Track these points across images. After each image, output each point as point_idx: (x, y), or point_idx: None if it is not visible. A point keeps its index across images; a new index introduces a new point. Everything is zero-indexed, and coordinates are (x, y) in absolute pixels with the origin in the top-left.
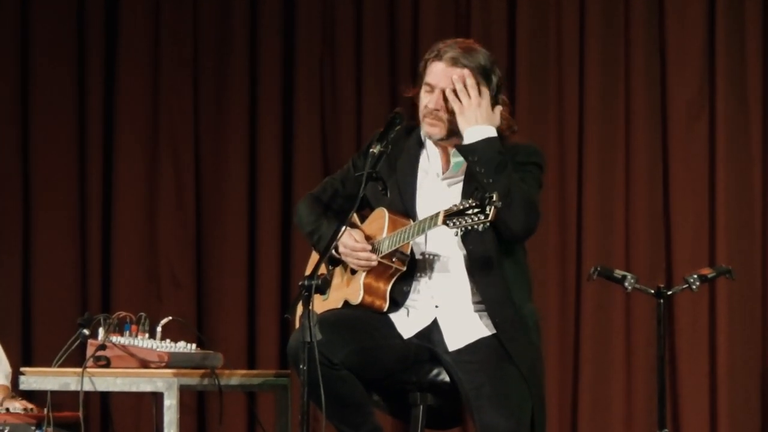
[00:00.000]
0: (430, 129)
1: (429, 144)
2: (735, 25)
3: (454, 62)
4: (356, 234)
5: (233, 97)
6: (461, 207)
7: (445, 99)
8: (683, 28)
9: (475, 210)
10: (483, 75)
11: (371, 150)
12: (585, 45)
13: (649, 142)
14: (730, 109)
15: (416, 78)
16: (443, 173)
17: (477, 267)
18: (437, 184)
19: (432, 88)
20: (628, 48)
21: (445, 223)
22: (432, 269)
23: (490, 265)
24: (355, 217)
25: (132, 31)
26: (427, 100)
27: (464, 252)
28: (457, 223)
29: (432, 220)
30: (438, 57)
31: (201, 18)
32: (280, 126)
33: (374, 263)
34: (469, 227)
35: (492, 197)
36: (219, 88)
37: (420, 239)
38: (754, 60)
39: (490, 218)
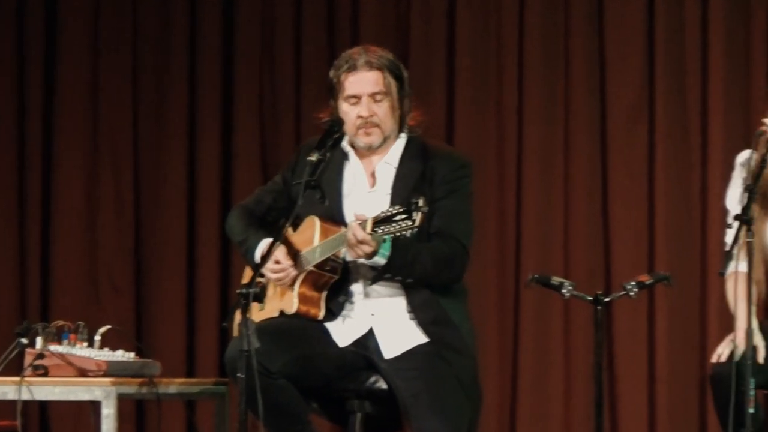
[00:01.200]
0: (367, 139)
1: (352, 156)
2: (674, 30)
3: (370, 66)
4: (279, 254)
5: (172, 105)
6: (388, 213)
7: (375, 102)
8: (623, 33)
9: (402, 216)
10: (396, 73)
11: (309, 158)
12: (524, 50)
13: (588, 147)
14: (670, 114)
15: (332, 93)
16: (370, 187)
17: None
18: (365, 198)
19: (357, 99)
20: (567, 53)
21: (373, 230)
22: (367, 278)
23: None
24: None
25: (71, 41)
26: (357, 111)
27: None
28: (386, 230)
29: (360, 227)
30: (353, 68)
31: (141, 28)
32: (219, 134)
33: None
34: (398, 234)
35: (418, 202)
36: (158, 96)
37: None
38: (693, 65)
39: (417, 223)
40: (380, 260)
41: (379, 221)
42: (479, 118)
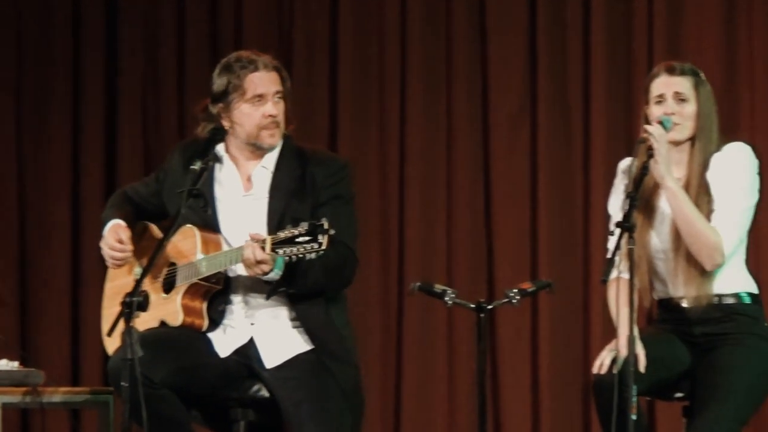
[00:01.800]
0: (271, 139)
1: (226, 160)
2: (556, 35)
3: (270, 67)
4: (124, 234)
5: (56, 113)
6: (290, 235)
7: (276, 102)
8: (505, 39)
9: (307, 239)
10: (285, 75)
11: (192, 167)
12: (407, 55)
13: (470, 153)
14: (552, 120)
15: (225, 95)
16: (245, 191)
17: None
18: (239, 201)
19: (263, 98)
20: (449, 58)
21: (274, 250)
22: (247, 287)
23: None
24: (157, 231)
25: None
26: (264, 110)
27: None
28: (288, 251)
29: (259, 247)
30: (255, 68)
31: (24, 40)
32: (103, 143)
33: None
34: (302, 255)
35: (323, 225)
36: (41, 107)
37: None
38: (576, 71)
39: (324, 246)
40: (275, 276)
41: (279, 242)
42: (362, 124)
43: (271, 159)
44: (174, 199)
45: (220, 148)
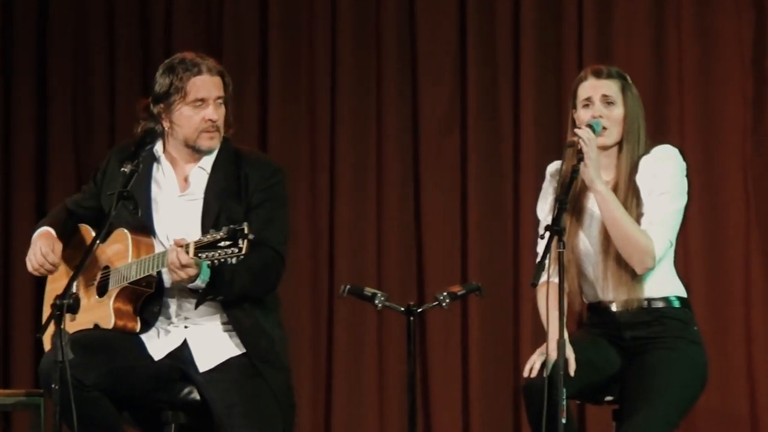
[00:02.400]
0: (210, 142)
1: (164, 161)
2: (486, 40)
3: (213, 71)
4: (44, 244)
5: None
6: (212, 239)
7: (217, 107)
8: (434, 43)
9: (227, 243)
10: (227, 79)
11: (122, 169)
12: (336, 60)
13: (400, 158)
14: (482, 125)
15: (167, 97)
16: (181, 191)
17: None
18: (175, 202)
19: (205, 101)
20: (379, 63)
21: (197, 254)
22: (181, 290)
23: None
24: (91, 232)
25: None
26: (204, 114)
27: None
28: (210, 255)
29: (183, 251)
30: (199, 71)
31: None
32: (33, 147)
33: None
34: (222, 260)
35: (243, 229)
36: None
37: None
38: (505, 76)
39: (244, 251)
40: (201, 283)
41: (202, 246)
42: (291, 127)
43: (208, 161)
44: (108, 201)
45: (158, 148)
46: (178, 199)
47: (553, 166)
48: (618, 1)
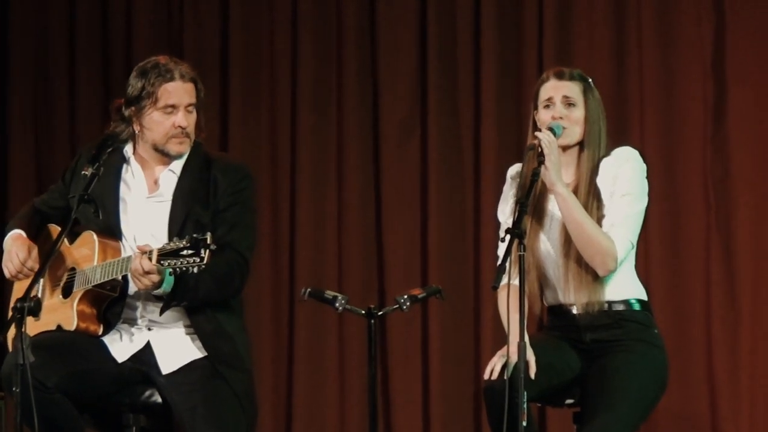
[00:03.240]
0: (179, 147)
1: (133, 162)
2: (446, 44)
3: (185, 77)
4: (20, 249)
5: None
6: (174, 247)
7: (188, 113)
8: (395, 47)
9: (190, 252)
10: (199, 85)
11: (83, 172)
12: (297, 64)
13: (361, 162)
14: (442, 128)
15: (138, 100)
16: (150, 193)
17: None
18: (143, 203)
19: (175, 108)
20: (340, 67)
21: (159, 262)
22: (145, 293)
23: None
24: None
25: None
26: (174, 120)
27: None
28: (172, 263)
29: (146, 257)
30: (171, 77)
31: None
32: None
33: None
34: (184, 268)
35: (206, 239)
36: None
37: None
38: (466, 79)
39: (205, 261)
40: (165, 290)
41: (165, 254)
42: (252, 131)
43: (178, 164)
44: (73, 202)
45: (128, 149)
46: (146, 200)
47: (514, 169)
48: (578, 5)
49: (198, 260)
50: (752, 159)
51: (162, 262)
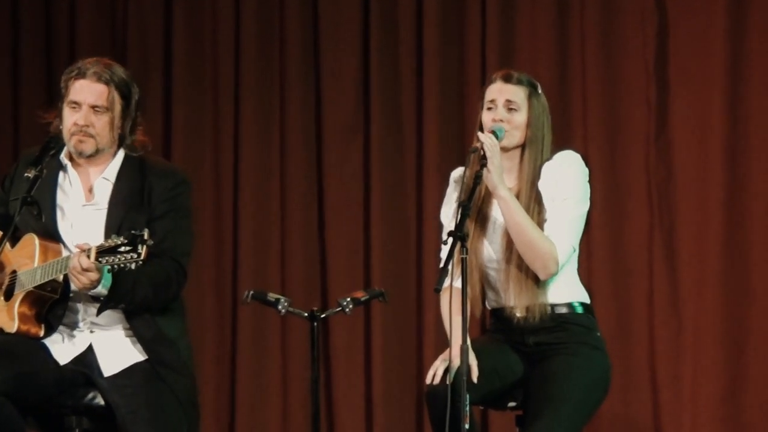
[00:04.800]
0: (80, 146)
1: (70, 169)
2: (388, 45)
3: (98, 78)
4: None
5: None
6: (113, 244)
7: (95, 113)
8: (338, 48)
9: (127, 248)
10: (125, 92)
11: (26, 174)
12: (240, 68)
13: (304, 165)
14: (385, 131)
15: (59, 99)
16: (86, 201)
17: None
18: (79, 211)
19: (78, 105)
20: (283, 69)
21: (98, 259)
22: (86, 295)
23: None
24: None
25: None
26: (75, 118)
27: None
28: (110, 260)
29: (85, 255)
30: (81, 75)
31: None
32: None
33: None
34: (122, 265)
35: (143, 235)
36: None
37: None
38: (408, 82)
39: (142, 257)
40: (102, 290)
41: (103, 251)
42: (196, 135)
43: (112, 170)
44: (14, 206)
45: (64, 155)
46: (82, 208)
47: (457, 172)
48: (521, 7)
49: (135, 256)
50: (695, 161)
51: (100, 259)
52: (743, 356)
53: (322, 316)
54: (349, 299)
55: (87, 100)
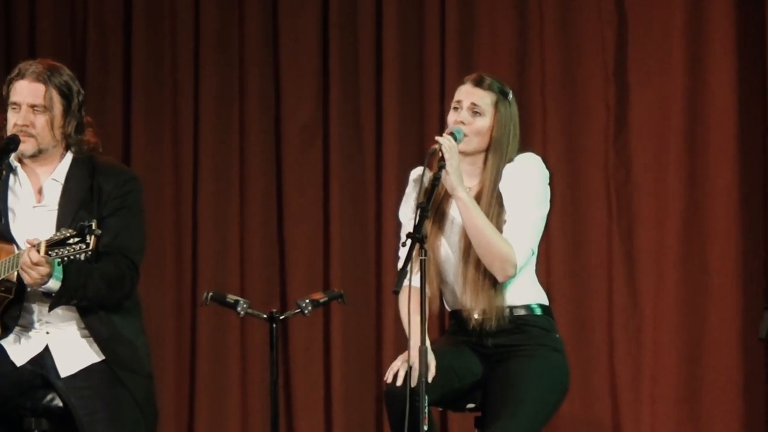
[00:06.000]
0: (21, 146)
1: (20, 171)
2: (348, 48)
3: (36, 78)
4: None
5: None
6: (61, 236)
7: (34, 113)
8: (297, 51)
9: (76, 239)
10: (65, 92)
11: None
12: (199, 68)
13: (263, 165)
14: (344, 132)
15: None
16: (36, 202)
17: None
18: (30, 212)
19: (18, 106)
20: (242, 71)
21: (47, 253)
22: (40, 294)
23: None
24: None
25: None
26: (15, 119)
27: None
28: (60, 252)
29: (35, 249)
30: (21, 76)
31: None
32: None
33: None
34: (72, 256)
35: (91, 225)
36: None
37: None
38: (367, 82)
39: (91, 247)
40: (54, 285)
41: (52, 244)
42: (155, 136)
43: (61, 171)
44: None
45: (13, 157)
46: (33, 210)
47: (416, 172)
48: (480, 8)
49: (84, 246)
50: (654, 163)
51: (50, 252)
52: (702, 356)
53: (281, 317)
54: (308, 301)
55: (26, 100)
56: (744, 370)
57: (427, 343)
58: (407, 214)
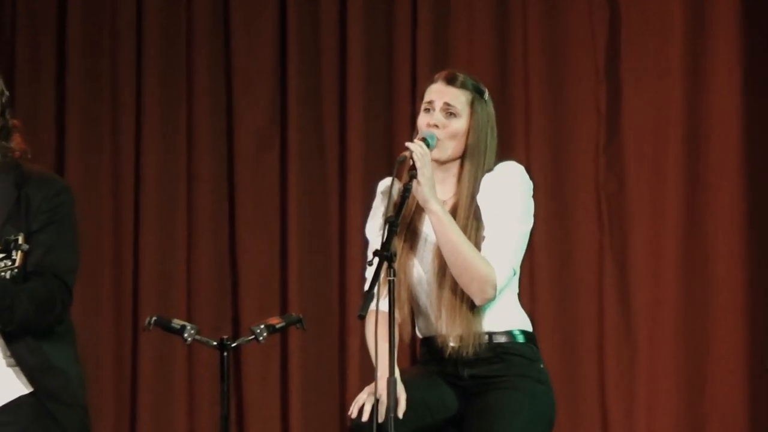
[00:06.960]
0: None
1: None
2: (308, 47)
3: None
4: None
5: None
6: None
7: None
8: (252, 49)
9: (0, 256)
10: None
11: None
12: (143, 67)
13: (214, 176)
14: (304, 138)
15: None
16: None
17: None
18: None
19: None
20: (190, 69)
21: None
22: None
23: None
24: None
25: None
26: None
27: None
28: None
29: None
30: None
31: None
32: None
33: None
34: None
35: (17, 240)
36: None
37: None
38: (329, 83)
39: (18, 263)
40: None
41: None
42: (92, 144)
43: None
44: None
45: None
46: None
47: (384, 183)
48: (456, 2)
49: (10, 263)
50: (650, 173)
51: None
52: (705, 388)
53: (233, 345)
54: (263, 326)
55: None
56: (750, 403)
57: (397, 373)
58: (374, 230)
